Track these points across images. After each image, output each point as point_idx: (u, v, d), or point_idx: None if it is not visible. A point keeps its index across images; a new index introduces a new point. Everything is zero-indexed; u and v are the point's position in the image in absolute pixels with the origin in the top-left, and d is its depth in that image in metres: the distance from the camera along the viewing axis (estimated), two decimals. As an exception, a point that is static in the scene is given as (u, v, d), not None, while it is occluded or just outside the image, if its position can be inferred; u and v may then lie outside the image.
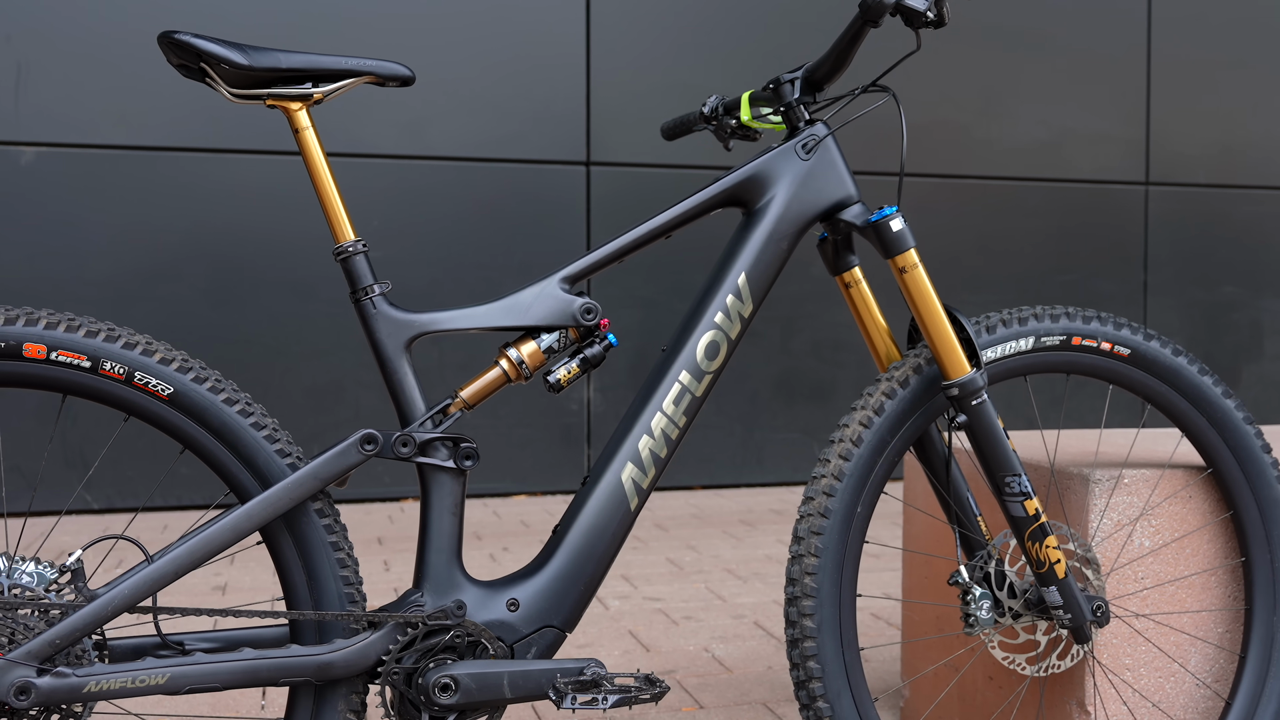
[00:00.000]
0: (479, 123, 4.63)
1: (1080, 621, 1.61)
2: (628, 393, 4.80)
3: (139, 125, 4.27)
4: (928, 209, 5.15)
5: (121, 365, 1.35)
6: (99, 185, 4.25)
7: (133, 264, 4.27)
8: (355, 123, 4.48)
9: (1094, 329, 1.67)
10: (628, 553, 3.65)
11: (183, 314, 4.30)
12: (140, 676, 1.31)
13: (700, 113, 1.82)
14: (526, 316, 1.49)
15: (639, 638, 2.75)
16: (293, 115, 1.44)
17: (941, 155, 5.16)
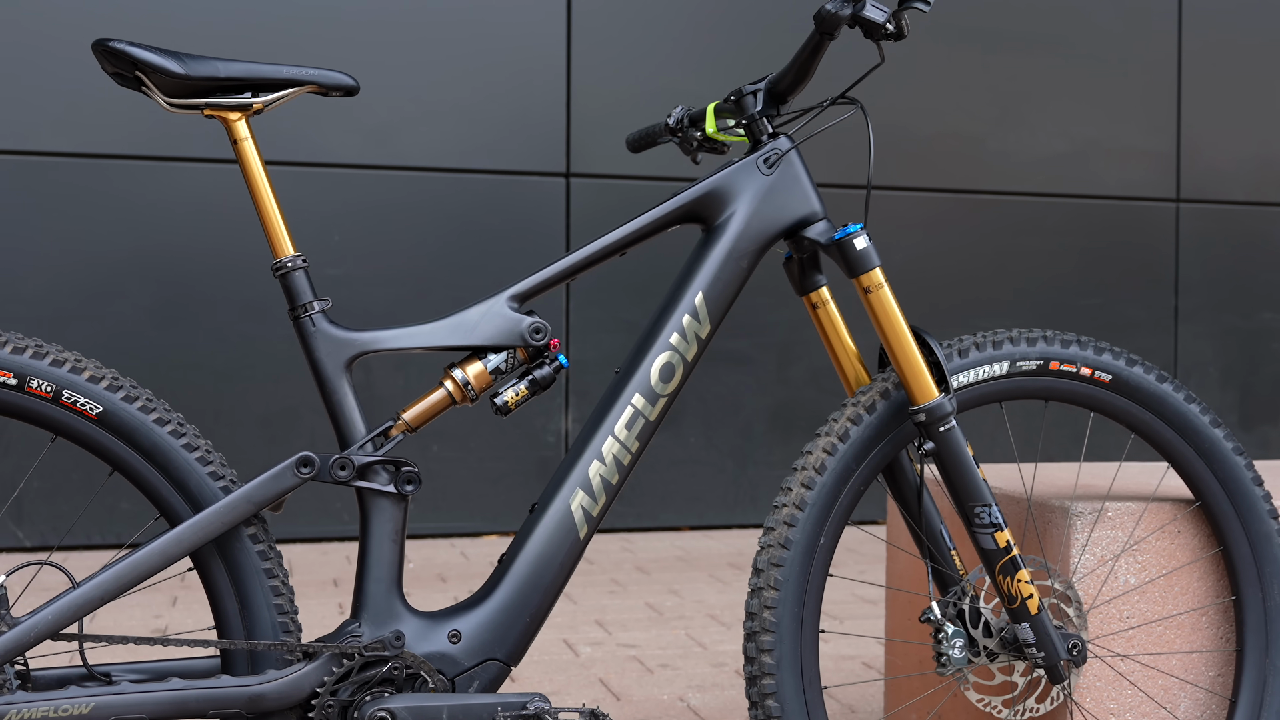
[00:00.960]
0: (450, 131, 4.75)
1: (1054, 660, 1.70)
2: (609, 424, 4.88)
3: (79, 131, 4.39)
4: (938, 227, 5.26)
5: (49, 383, 1.45)
6: (35, 195, 4.36)
7: (71, 280, 4.38)
8: (316, 130, 4.60)
9: (1073, 353, 1.77)
10: (603, 597, 3.74)
11: (125, 335, 4.41)
12: (63, 706, 1.40)
13: (665, 124, 1.93)
14: (472, 336, 1.60)
15: (609, 686, 2.83)
16: (231, 126, 1.54)
17: (954, 169, 5.28)
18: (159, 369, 4.42)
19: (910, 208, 5.23)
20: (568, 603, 3.67)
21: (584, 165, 4.87)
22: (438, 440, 4.68)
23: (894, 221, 5.19)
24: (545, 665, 2.98)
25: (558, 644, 3.19)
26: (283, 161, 4.55)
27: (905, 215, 5.22)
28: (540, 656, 3.06)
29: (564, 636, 3.27)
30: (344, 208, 4.62)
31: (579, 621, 3.44)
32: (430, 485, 4.67)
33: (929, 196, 5.26)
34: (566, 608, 3.60)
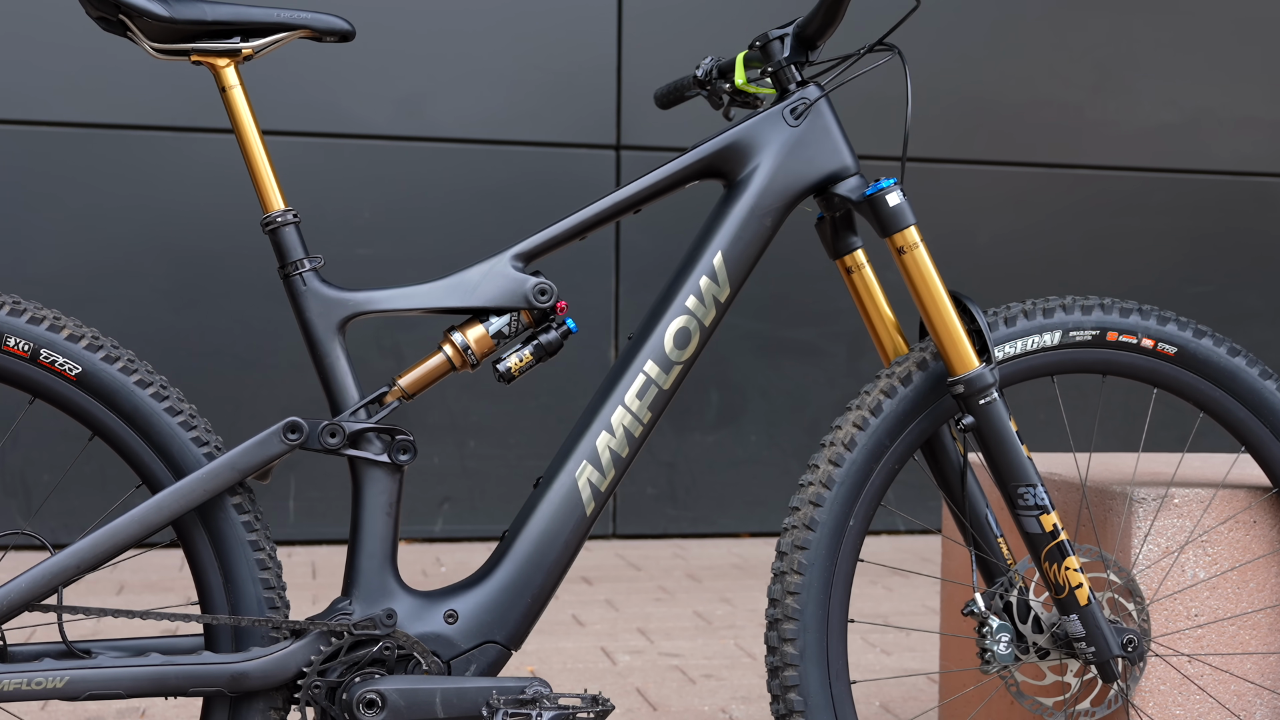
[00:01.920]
0: (489, 99, 4.82)
1: (1106, 656, 1.72)
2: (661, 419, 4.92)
3: (92, 100, 4.52)
4: (1028, 205, 5.25)
5: (26, 341, 1.53)
6: (45, 168, 4.50)
7: (83, 259, 4.51)
8: (342, 99, 4.69)
9: (1133, 323, 1.79)
10: (648, 605, 3.79)
11: (139, 318, 4.53)
12: (36, 679, 1.48)
13: (694, 77, 1.97)
14: (473, 297, 1.65)
15: (646, 695, 2.88)
16: (219, 73, 1.61)
17: (1046, 141, 5.26)
18: (176, 355, 4.54)
19: (997, 184, 5.22)
20: (609, 609, 3.72)
21: (636, 136, 4.92)
22: (475, 436, 4.76)
23: (979, 199, 5.19)
24: (579, 673, 3.04)
25: (594, 652, 3.25)
26: (306, 132, 4.66)
27: (991, 192, 5.21)
28: (574, 664, 3.12)
29: (602, 644, 3.32)
30: (373, 183, 4.71)
31: (619, 629, 3.49)
32: (467, 485, 4.75)
33: (1018, 172, 5.25)
34: (607, 615, 3.65)
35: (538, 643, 3.32)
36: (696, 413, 4.97)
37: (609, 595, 3.93)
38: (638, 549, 4.74)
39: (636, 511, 4.92)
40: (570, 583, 4.10)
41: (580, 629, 3.49)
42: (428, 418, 4.74)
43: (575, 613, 3.68)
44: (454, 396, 4.75)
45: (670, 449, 4.95)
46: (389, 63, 4.72)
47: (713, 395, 4.98)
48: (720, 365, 4.96)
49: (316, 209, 4.60)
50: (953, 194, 5.17)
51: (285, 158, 4.61)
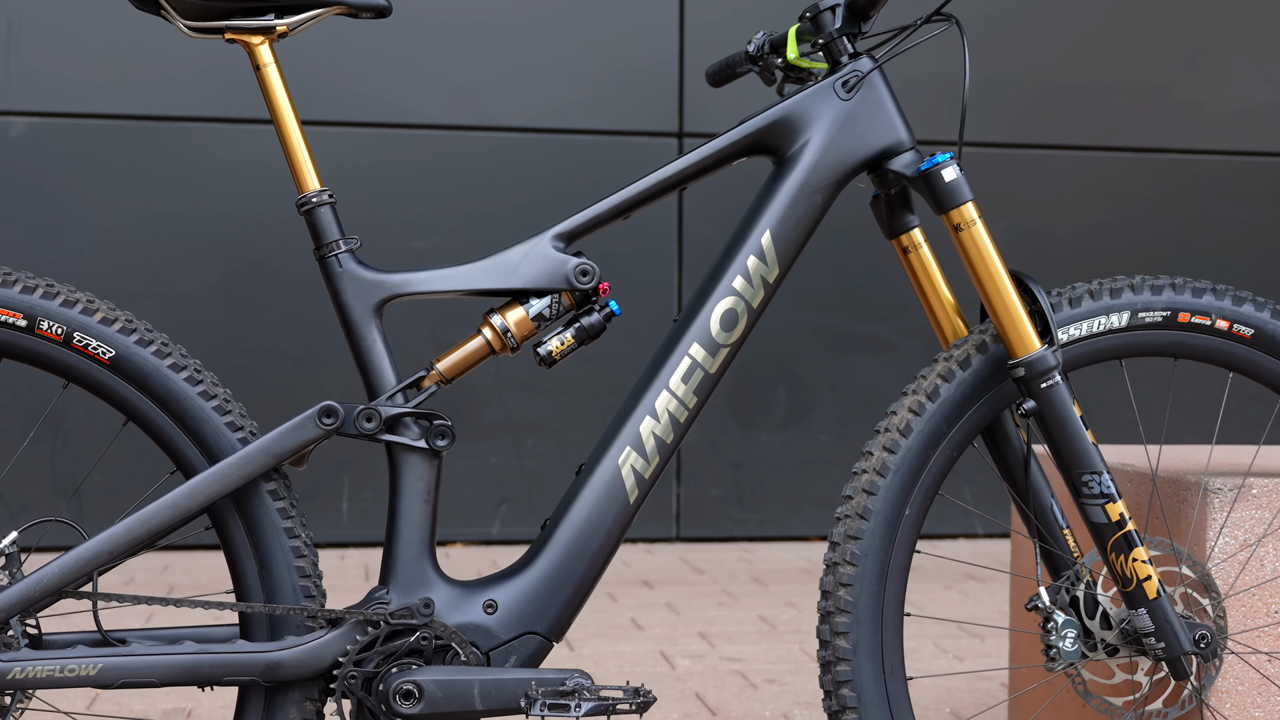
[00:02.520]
0: (546, 86, 4.86)
1: (1176, 653, 1.70)
2: (726, 418, 4.95)
3: (144, 92, 4.61)
4: (1114, 191, 5.19)
5: (60, 325, 1.57)
6: (97, 161, 4.60)
7: (134, 255, 4.60)
8: (396, 88, 4.75)
9: (1206, 303, 1.77)
10: (711, 609, 3.80)
11: (191, 315, 4.61)
12: (69, 666, 1.52)
13: (745, 52, 1.98)
14: (513, 278, 1.67)
15: (705, 700, 2.89)
16: (254, 51, 1.65)
17: (1133, 124, 5.20)
18: (227, 351, 4.61)
19: (1080, 170, 5.17)
20: (669, 613, 3.73)
21: (699, 124, 4.93)
22: (533, 436, 4.79)
23: (1061, 187, 5.14)
24: (635, 677, 3.05)
25: (653, 656, 3.26)
26: (359, 123, 4.72)
27: (1075, 178, 5.16)
28: (631, 668, 3.13)
29: (661, 648, 3.33)
30: (429, 174, 4.76)
31: (680, 633, 3.50)
32: (525, 485, 4.79)
33: (1103, 157, 5.19)
34: (667, 619, 3.67)
35: (595, 646, 3.34)
36: (764, 411, 4.97)
37: (670, 599, 3.94)
38: (702, 552, 4.75)
39: (701, 514, 4.93)
40: (630, 586, 4.12)
41: (639, 633, 3.51)
42: (485, 416, 4.78)
43: (634, 616, 3.70)
44: (512, 395, 4.79)
45: (737, 449, 4.95)
46: (444, 50, 4.77)
47: (781, 393, 4.97)
48: (789, 361, 4.96)
49: (370, 202, 4.67)
50: (1034, 181, 5.13)
51: (338, 149, 4.71)
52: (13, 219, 4.55)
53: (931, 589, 4.08)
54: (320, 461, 4.65)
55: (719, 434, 4.95)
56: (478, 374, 4.82)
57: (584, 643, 3.39)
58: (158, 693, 2.80)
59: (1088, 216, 5.17)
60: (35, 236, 4.55)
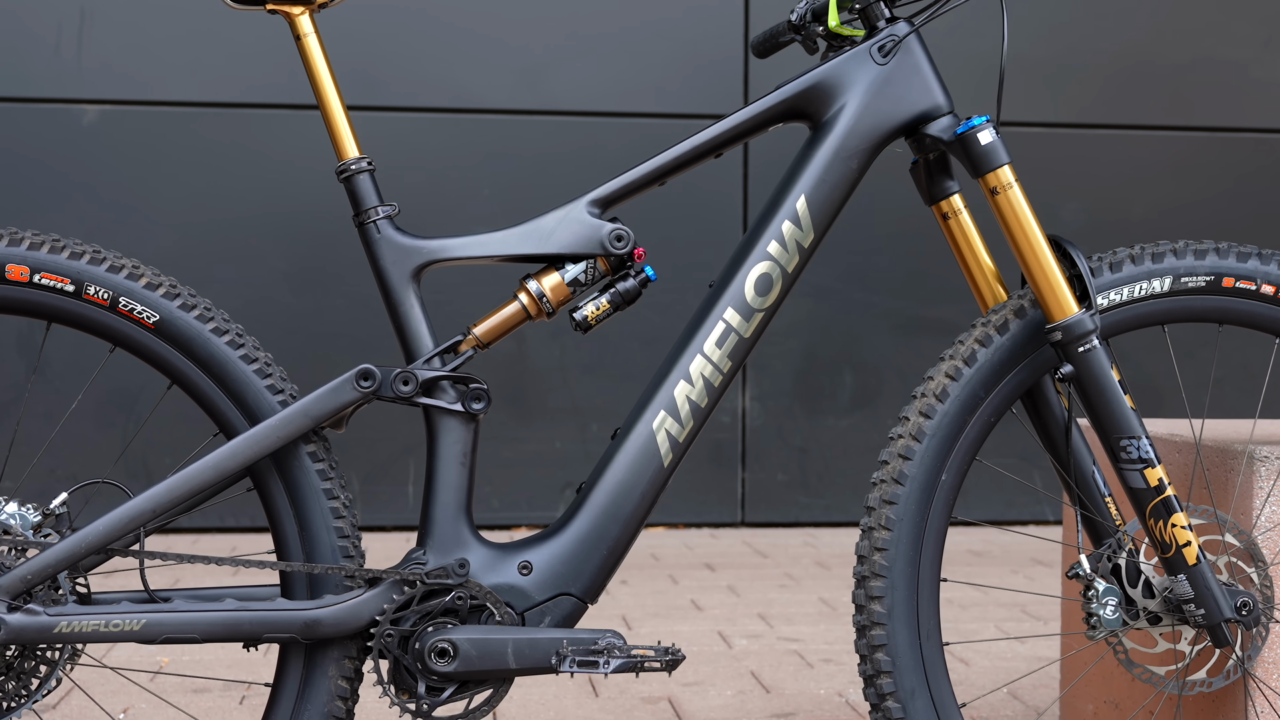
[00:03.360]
0: (610, 69, 4.89)
1: (1216, 620, 1.70)
2: (792, 401, 4.95)
3: (214, 79, 4.70)
4: (1189, 172, 5.13)
5: (106, 289, 1.62)
6: (168, 148, 4.70)
7: (202, 240, 4.69)
8: (460, 72, 4.80)
9: (1252, 268, 1.76)
10: (772, 591, 3.81)
11: (259, 300, 4.70)
12: (114, 621, 1.57)
13: (789, 21, 1.99)
14: (549, 244, 1.70)
15: (760, 678, 2.91)
16: (294, 21, 1.69)
17: (1207, 103, 5.14)
18: (296, 338, 4.69)
19: (1155, 150, 5.11)
20: (730, 595, 3.75)
21: (764, 106, 4.93)
22: (597, 420, 4.83)
23: (1134, 167, 5.09)
24: (692, 656, 3.07)
25: (710, 635, 3.28)
26: (423, 108, 4.78)
27: (1149, 159, 5.11)
28: (688, 647, 3.16)
29: (719, 629, 3.35)
30: (492, 158, 4.81)
31: (739, 614, 3.52)
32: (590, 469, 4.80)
33: (1178, 136, 5.13)
34: (727, 600, 3.69)
35: (652, 626, 3.37)
36: (830, 395, 4.97)
37: (731, 581, 3.96)
38: (766, 537, 4.76)
39: (766, 499, 4.94)
40: (692, 569, 4.14)
41: (698, 613, 3.53)
42: (550, 401, 4.83)
43: (694, 598, 3.72)
44: (576, 379, 4.83)
45: (802, 433, 4.96)
46: (507, 34, 4.81)
47: (847, 376, 4.97)
48: (855, 345, 4.96)
49: (435, 186, 4.73)
50: (1106, 162, 5.08)
51: (403, 134, 4.77)
52: (85, 205, 4.65)
53: (998, 573, 4.07)
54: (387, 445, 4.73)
55: (785, 418, 4.96)
56: (542, 358, 4.89)
57: (642, 622, 3.42)
58: (219, 664, 2.87)
59: (1161, 198, 5.11)
60: (106, 222, 4.65)
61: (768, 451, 4.95)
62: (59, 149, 4.66)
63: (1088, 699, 2.27)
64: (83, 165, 4.66)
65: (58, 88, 4.66)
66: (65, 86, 4.66)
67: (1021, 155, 1.77)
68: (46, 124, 4.66)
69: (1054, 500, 4.76)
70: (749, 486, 4.95)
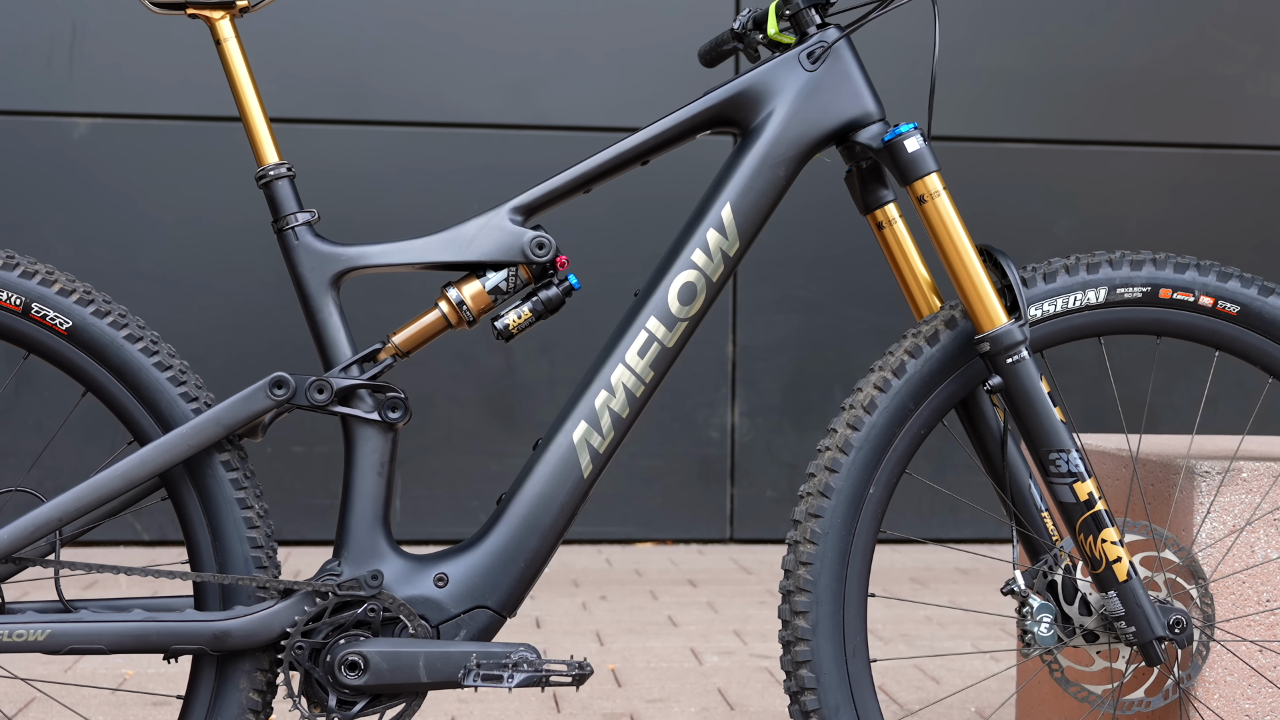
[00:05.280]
0: (601, 84, 4.86)
1: (1147, 637, 1.65)
2: (781, 417, 4.91)
3: (203, 93, 4.69)
4: (1182, 188, 5.07)
5: (18, 295, 1.60)
6: (159, 161, 4.69)
7: (193, 253, 4.68)
8: (448, 84, 4.78)
9: (1189, 279, 1.73)
10: (750, 608, 3.77)
11: (247, 312, 4.69)
12: (17, 631, 1.54)
13: (732, 30, 1.96)
14: (469, 251, 1.68)
15: (726, 695, 2.87)
16: (214, 25, 1.68)
17: (1200, 119, 5.08)
18: (283, 351, 4.65)
19: (1148, 166, 5.07)
20: (707, 611, 3.71)
21: (755, 121, 4.90)
22: (586, 434, 4.79)
23: (1129, 181, 5.04)
24: (660, 673, 3.04)
25: (682, 652, 3.24)
26: (414, 122, 4.76)
27: (1142, 175, 5.06)
28: (657, 663, 3.12)
29: (692, 645, 3.32)
30: (482, 173, 4.79)
31: (714, 631, 3.48)
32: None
33: (1172, 153, 5.08)
34: (704, 616, 3.65)
35: (624, 642, 3.33)
36: (819, 411, 4.92)
37: (711, 598, 3.92)
38: (754, 554, 4.72)
39: (755, 515, 4.90)
40: (674, 585, 4.10)
41: (673, 629, 3.49)
42: (538, 414, 4.80)
43: (671, 614, 3.68)
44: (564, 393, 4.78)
45: (791, 449, 4.91)
46: (497, 49, 4.80)
47: (836, 392, 4.93)
48: (844, 361, 4.92)
49: (425, 199, 4.72)
50: (1101, 178, 5.04)
51: (387, 149, 4.76)
52: (76, 217, 4.65)
53: (983, 590, 4.01)
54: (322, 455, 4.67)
55: (774, 434, 4.91)
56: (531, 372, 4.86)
57: (615, 638, 3.38)
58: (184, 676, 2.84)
59: (1157, 214, 5.06)
60: (97, 234, 4.65)
61: (757, 467, 4.90)
62: (51, 161, 4.66)
63: (1042, 716, 2.23)
64: (74, 177, 4.66)
65: (49, 101, 4.67)
66: (57, 100, 4.67)
67: (1015, 170, 1.74)
68: (38, 137, 4.67)
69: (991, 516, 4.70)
70: (738, 502, 4.90)
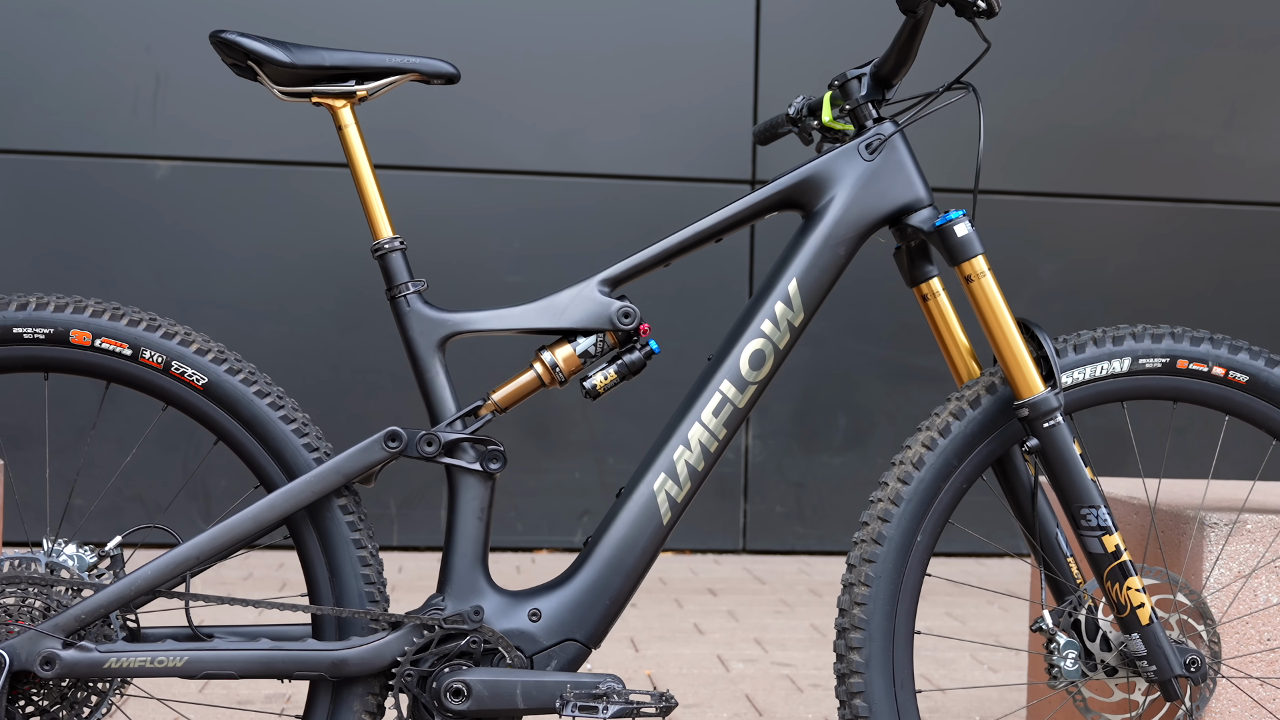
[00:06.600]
0: (632, 136, 4.90)
1: (1167, 675, 1.67)
2: (790, 440, 4.93)
3: (274, 139, 4.73)
4: (1156, 239, 5.11)
5: (160, 354, 1.62)
6: (232, 201, 4.72)
7: (260, 284, 4.71)
8: (495, 136, 4.81)
9: (1203, 351, 1.75)
10: (767, 617, 3.79)
11: (310, 338, 4.71)
12: (159, 657, 1.56)
13: (786, 114, 1.98)
14: (562, 319, 1.70)
15: (754, 701, 2.89)
16: (336, 113, 1.69)
17: (1175, 176, 5.12)
18: (341, 372, 4.70)
19: (1125, 218, 5.10)
20: (729, 620, 3.73)
21: (770, 171, 4.93)
22: (614, 454, 4.82)
23: (1106, 232, 5.07)
24: (693, 679, 3.05)
25: (710, 659, 3.26)
26: (463, 168, 4.79)
27: (1119, 226, 5.09)
28: (689, 670, 3.14)
29: (719, 652, 3.33)
30: (525, 214, 4.82)
31: (737, 639, 3.49)
32: (605, 498, 4.81)
33: (1146, 206, 5.11)
34: (727, 625, 3.66)
35: (657, 649, 3.35)
36: (825, 435, 4.95)
37: (731, 606, 3.94)
38: (765, 564, 4.74)
39: (765, 529, 4.92)
40: (696, 594, 4.12)
41: (700, 637, 3.51)
42: (571, 435, 4.82)
43: (697, 622, 3.70)
44: (596, 416, 4.82)
45: (800, 469, 4.94)
46: (540, 104, 4.83)
47: (841, 419, 4.95)
48: (849, 390, 4.94)
49: (471, 239, 4.74)
50: (1082, 228, 5.07)
51: (441, 193, 4.79)
52: (156, 248, 4.68)
53: (974, 603, 4.04)
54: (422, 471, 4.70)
55: (783, 455, 4.94)
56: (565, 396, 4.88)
57: (648, 644, 3.40)
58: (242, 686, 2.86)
59: (1132, 261, 5.09)
60: (174, 264, 4.67)
61: (768, 485, 4.93)
62: (134, 199, 4.69)
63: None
64: (155, 214, 4.69)
65: (134, 145, 4.70)
66: (141, 144, 4.69)
67: (1006, 220, 1.77)
68: (124, 177, 4.69)
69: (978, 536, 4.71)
70: (750, 517, 4.93)
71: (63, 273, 4.65)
